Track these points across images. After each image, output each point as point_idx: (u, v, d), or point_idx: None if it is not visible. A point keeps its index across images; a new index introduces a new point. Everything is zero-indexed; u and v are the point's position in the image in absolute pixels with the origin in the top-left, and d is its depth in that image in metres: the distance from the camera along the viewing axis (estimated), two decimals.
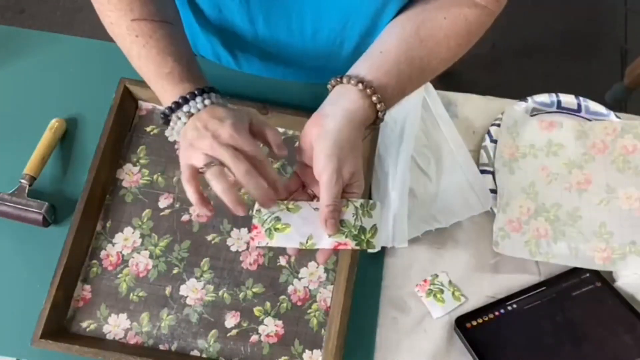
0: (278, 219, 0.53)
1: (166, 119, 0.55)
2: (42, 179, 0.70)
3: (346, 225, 0.52)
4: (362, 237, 0.52)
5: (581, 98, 0.79)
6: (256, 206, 0.54)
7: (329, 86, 0.56)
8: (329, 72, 0.76)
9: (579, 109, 0.79)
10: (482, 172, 0.74)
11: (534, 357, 0.64)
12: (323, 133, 0.51)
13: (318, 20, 0.65)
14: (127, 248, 0.69)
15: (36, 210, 0.66)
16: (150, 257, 0.69)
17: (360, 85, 0.52)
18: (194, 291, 0.68)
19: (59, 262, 0.63)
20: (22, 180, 0.68)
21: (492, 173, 0.74)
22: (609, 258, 0.70)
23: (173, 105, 0.53)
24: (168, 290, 0.67)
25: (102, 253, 0.69)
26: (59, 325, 0.65)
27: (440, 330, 0.67)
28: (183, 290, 0.67)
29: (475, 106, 0.80)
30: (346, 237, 0.52)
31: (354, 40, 0.68)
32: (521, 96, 0.80)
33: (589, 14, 1.93)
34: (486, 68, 1.80)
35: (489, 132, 0.76)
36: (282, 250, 0.70)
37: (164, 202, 0.71)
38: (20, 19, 1.84)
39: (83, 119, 0.75)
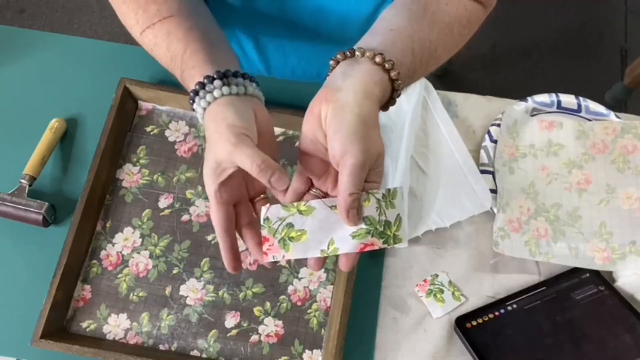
0: (291, 225, 0.46)
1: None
2: (42, 179, 0.70)
3: (370, 222, 0.44)
4: (389, 232, 0.45)
5: (581, 98, 0.79)
6: (263, 213, 0.47)
7: (331, 62, 0.48)
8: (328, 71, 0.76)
9: (579, 109, 0.79)
10: (482, 172, 0.74)
11: (534, 357, 0.64)
12: (340, 108, 0.43)
13: (315, 27, 0.64)
14: (127, 248, 0.69)
15: (36, 210, 0.66)
16: (150, 257, 0.69)
17: (378, 57, 0.45)
18: (194, 291, 0.68)
19: (59, 262, 0.63)
20: (22, 180, 0.68)
21: (492, 173, 0.74)
22: (609, 258, 0.70)
23: (191, 94, 0.48)
24: (168, 290, 0.67)
25: (102, 253, 0.69)
26: (59, 325, 0.65)
27: (440, 330, 0.67)
28: (183, 290, 0.67)
29: (475, 106, 0.80)
30: (372, 235, 0.44)
31: (352, 38, 0.68)
32: (521, 96, 0.80)
33: (589, 14, 1.93)
34: (486, 68, 1.80)
35: (489, 132, 0.76)
36: None
37: (164, 202, 0.71)
38: (20, 19, 1.84)
39: (83, 119, 0.75)
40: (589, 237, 0.71)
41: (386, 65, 0.45)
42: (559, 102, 0.79)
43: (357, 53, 0.46)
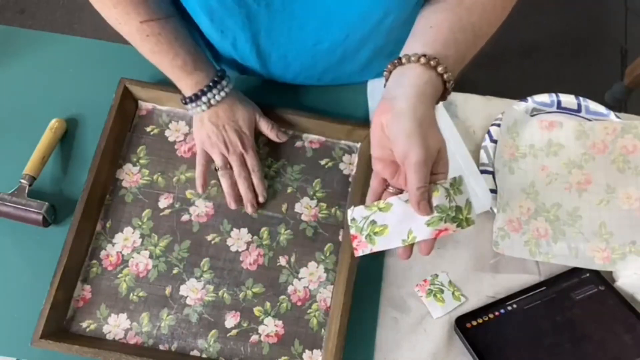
0: (374, 222, 0.52)
1: (186, 102, 0.67)
2: (42, 179, 0.70)
3: (442, 209, 0.49)
4: (460, 216, 0.50)
5: (581, 98, 0.79)
6: (349, 215, 0.53)
7: (385, 73, 0.54)
8: (328, 78, 0.76)
9: (579, 109, 0.79)
10: (482, 172, 0.74)
11: (534, 357, 0.64)
12: (396, 114, 0.48)
13: (319, 34, 0.64)
14: (127, 248, 0.69)
15: (36, 210, 0.66)
16: (150, 257, 0.69)
17: (422, 59, 0.50)
18: (194, 291, 0.68)
19: (59, 262, 0.63)
20: (22, 180, 0.68)
21: (492, 173, 0.74)
22: (609, 258, 0.70)
23: (193, 97, 0.64)
24: (168, 290, 0.67)
25: (102, 253, 0.69)
26: (59, 325, 0.65)
27: (440, 330, 0.67)
28: (183, 290, 0.67)
29: (475, 106, 0.80)
30: (445, 222, 0.50)
31: (353, 47, 0.68)
32: (521, 96, 0.80)
33: (589, 14, 1.93)
34: (486, 68, 1.80)
35: (489, 132, 0.76)
36: (281, 250, 0.70)
37: (164, 202, 0.71)
38: (20, 19, 1.84)
39: (83, 119, 0.75)
40: (589, 237, 0.71)
41: (431, 63, 0.50)
42: (559, 102, 0.79)
43: (403, 60, 0.52)
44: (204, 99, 0.64)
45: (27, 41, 0.79)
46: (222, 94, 0.65)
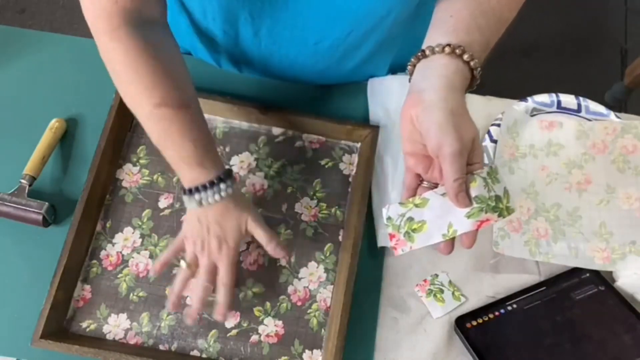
0: (411, 219, 0.51)
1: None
2: (42, 179, 0.70)
3: (481, 199, 0.48)
4: (501, 205, 0.48)
5: (581, 98, 0.79)
6: (384, 213, 0.52)
7: (409, 67, 0.53)
8: (328, 75, 0.76)
9: (579, 109, 0.79)
10: None
11: (534, 357, 0.64)
12: (426, 107, 0.47)
13: (322, 32, 0.64)
14: (127, 248, 0.69)
15: (36, 210, 0.66)
16: (150, 257, 0.69)
17: (447, 48, 0.49)
18: None
19: (59, 262, 0.63)
20: (22, 180, 0.68)
21: None
22: (609, 258, 0.70)
23: (187, 191, 0.60)
24: (168, 290, 0.67)
25: (102, 253, 0.69)
26: (59, 325, 0.65)
27: (440, 330, 0.67)
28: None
29: (475, 106, 0.79)
30: (485, 212, 0.48)
31: (355, 44, 0.68)
32: (521, 96, 0.80)
33: (589, 14, 1.93)
34: (486, 68, 1.80)
35: (489, 132, 0.76)
36: None
37: (164, 202, 0.71)
38: (20, 19, 1.84)
39: (83, 119, 0.75)
40: (589, 237, 0.71)
41: (457, 52, 0.49)
42: (559, 102, 0.79)
43: (427, 52, 0.50)
44: (196, 197, 0.59)
45: (27, 41, 0.79)
46: (217, 197, 0.59)
